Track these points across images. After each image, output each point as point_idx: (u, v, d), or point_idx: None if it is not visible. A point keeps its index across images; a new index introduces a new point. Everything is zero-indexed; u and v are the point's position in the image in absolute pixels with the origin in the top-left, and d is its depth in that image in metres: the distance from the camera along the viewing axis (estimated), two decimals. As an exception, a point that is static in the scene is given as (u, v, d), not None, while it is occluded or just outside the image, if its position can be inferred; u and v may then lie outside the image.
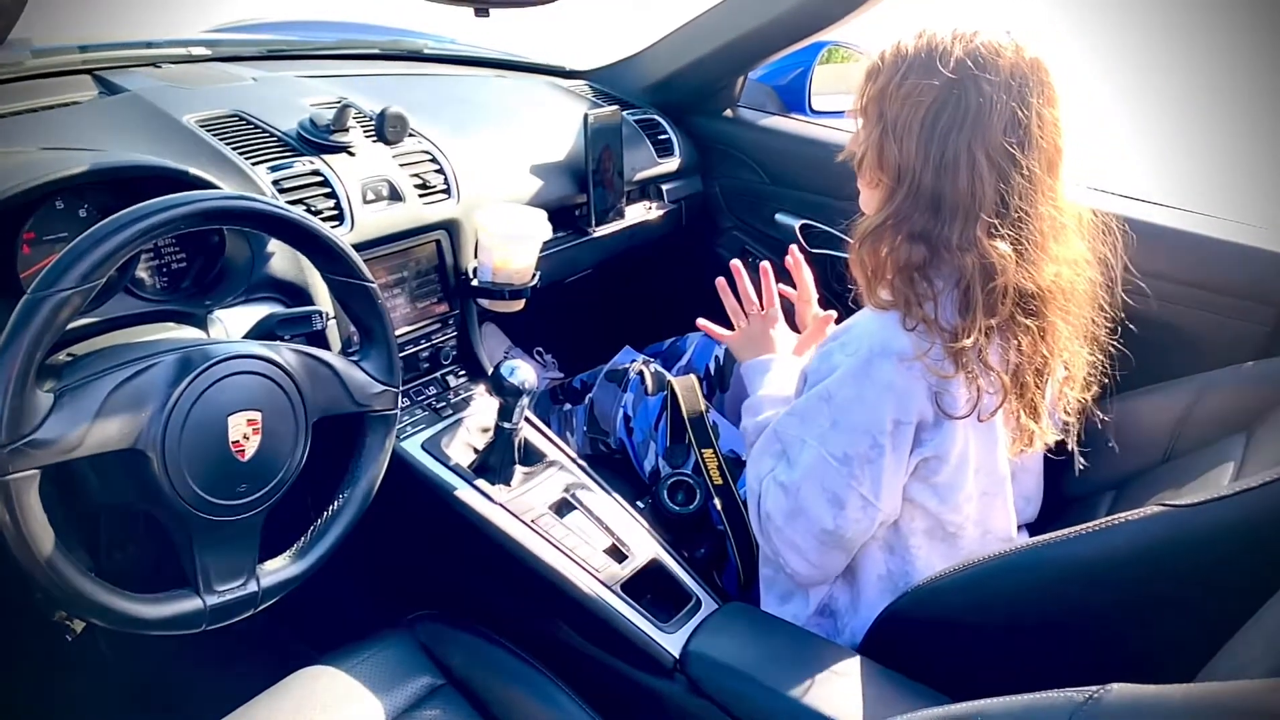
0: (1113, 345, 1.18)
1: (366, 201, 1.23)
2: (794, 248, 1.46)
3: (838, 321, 1.32)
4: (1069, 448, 1.21)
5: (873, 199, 1.13)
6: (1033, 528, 1.28)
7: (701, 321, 1.45)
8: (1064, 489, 1.33)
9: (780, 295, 1.43)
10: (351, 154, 1.25)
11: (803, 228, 1.84)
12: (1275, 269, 1.39)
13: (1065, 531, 1.00)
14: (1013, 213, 1.03)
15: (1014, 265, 1.02)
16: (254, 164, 1.15)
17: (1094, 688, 0.67)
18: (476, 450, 1.26)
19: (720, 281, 1.43)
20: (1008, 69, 1.02)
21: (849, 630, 1.19)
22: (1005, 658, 1.05)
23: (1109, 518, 0.97)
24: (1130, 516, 0.95)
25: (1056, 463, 1.30)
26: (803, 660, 1.05)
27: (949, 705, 0.74)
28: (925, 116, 1.04)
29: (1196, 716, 0.62)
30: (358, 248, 1.11)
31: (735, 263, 1.45)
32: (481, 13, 1.25)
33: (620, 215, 1.67)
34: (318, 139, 1.23)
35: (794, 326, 1.46)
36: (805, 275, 1.44)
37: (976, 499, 1.14)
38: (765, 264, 1.44)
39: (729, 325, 1.46)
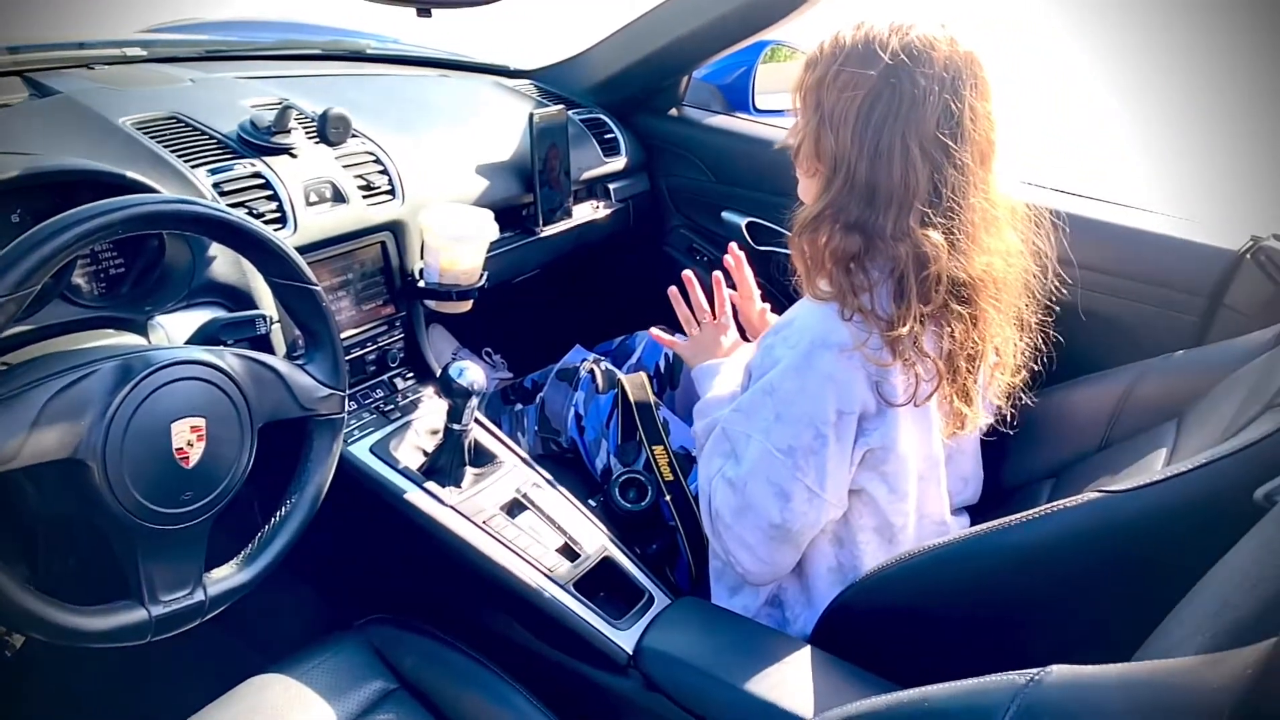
0: (1049, 336, 1.21)
1: (309, 203, 1.21)
2: (733, 246, 1.47)
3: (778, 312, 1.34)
4: (1004, 431, 1.24)
5: (810, 188, 1.15)
6: (975, 516, 1.30)
7: (654, 331, 1.46)
8: (1005, 477, 1.36)
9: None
10: (293, 156, 1.24)
11: (749, 225, 1.86)
12: (1202, 261, 1.44)
13: (1005, 519, 1.02)
14: (945, 203, 1.05)
15: (946, 254, 1.04)
16: (193, 167, 1.13)
17: (1035, 670, 0.69)
18: (426, 452, 1.25)
19: (672, 290, 1.45)
20: (941, 62, 1.04)
21: (800, 621, 1.20)
22: (951, 644, 1.07)
23: (1047, 505, 1.00)
24: (1067, 503, 0.98)
25: (997, 452, 1.33)
26: (754, 653, 1.06)
27: (896, 692, 0.76)
28: (860, 106, 1.05)
29: (1131, 694, 0.64)
30: (301, 250, 1.10)
31: (688, 273, 1.46)
32: (424, 13, 1.24)
33: (567, 215, 1.68)
34: (258, 141, 1.22)
35: (740, 326, 1.48)
36: (746, 274, 1.46)
37: (914, 482, 1.16)
38: (718, 273, 1.46)
39: (679, 322, 1.48)
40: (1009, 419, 1.24)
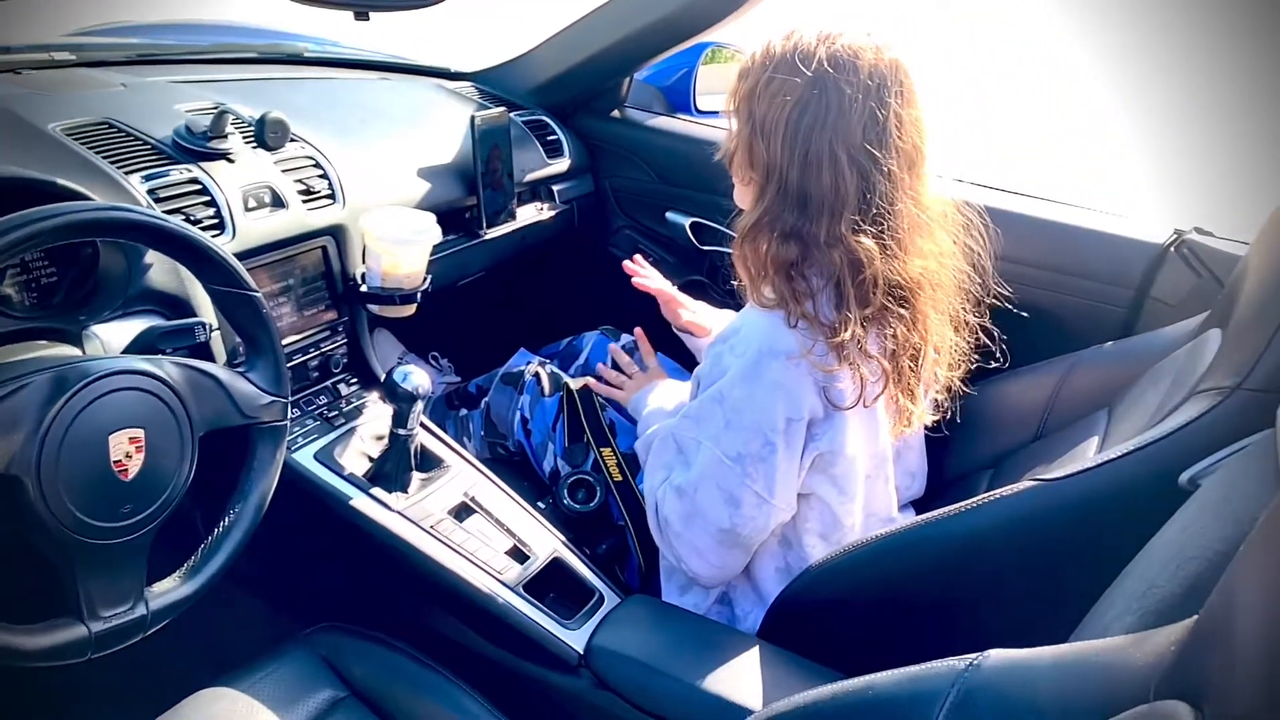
0: (986, 330, 1.24)
1: (248, 209, 1.20)
2: (630, 262, 1.52)
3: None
4: (945, 425, 1.27)
5: (746, 195, 1.17)
6: (920, 509, 1.33)
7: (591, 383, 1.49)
8: (946, 469, 1.39)
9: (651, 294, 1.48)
10: (231, 161, 1.22)
11: (693, 226, 1.88)
12: (1129, 254, 1.48)
13: (945, 509, 1.05)
14: (875, 209, 1.07)
15: (879, 258, 1.06)
16: (127, 173, 1.11)
17: (974, 655, 0.71)
18: (371, 458, 1.24)
19: (601, 369, 1.54)
20: (867, 71, 1.05)
21: (750, 618, 1.22)
22: (896, 633, 1.10)
23: (985, 494, 1.03)
24: (1004, 492, 1.01)
25: (939, 444, 1.36)
26: (704, 648, 1.07)
27: (842, 681, 0.78)
28: (790, 115, 1.07)
29: (1064, 674, 0.67)
30: (240, 256, 1.08)
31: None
32: (361, 16, 1.23)
33: (511, 217, 1.67)
34: (195, 146, 1.20)
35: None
36: (652, 281, 1.50)
37: (861, 482, 1.18)
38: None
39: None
40: (950, 413, 1.27)
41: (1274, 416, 0.84)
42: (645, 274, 1.51)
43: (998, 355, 1.27)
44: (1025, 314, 1.46)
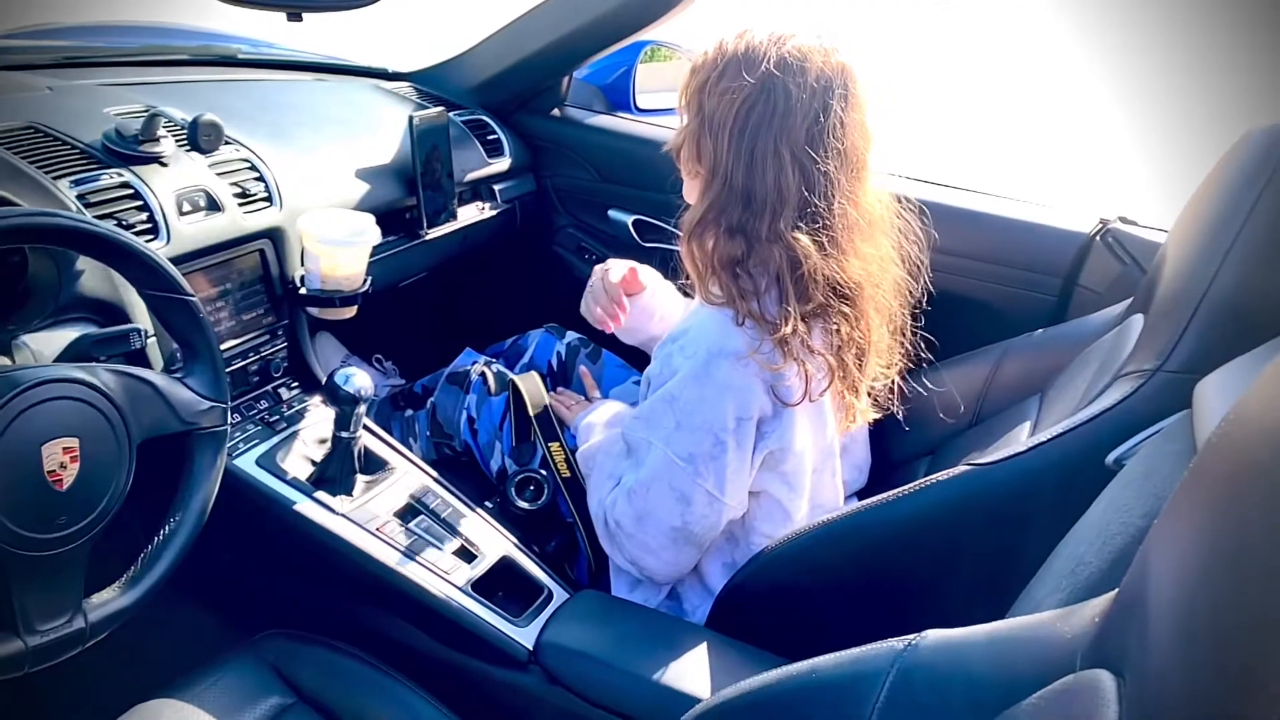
0: (923, 321, 1.27)
1: (182, 213, 1.18)
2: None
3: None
4: (885, 415, 1.30)
5: (693, 190, 1.18)
6: (862, 496, 1.36)
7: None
8: (887, 457, 1.42)
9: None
10: (164, 164, 1.20)
11: (636, 223, 1.89)
12: (1057, 243, 1.53)
13: (884, 495, 1.07)
14: (814, 209, 1.09)
15: (815, 256, 1.08)
16: (55, 178, 1.09)
17: (912, 636, 0.74)
18: (314, 462, 1.23)
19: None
20: (814, 74, 1.08)
21: (699, 612, 1.24)
22: (839, 617, 1.12)
23: (922, 480, 1.06)
24: (940, 477, 1.03)
25: (880, 433, 1.39)
26: (653, 640, 1.08)
27: (787, 666, 0.79)
28: (738, 113, 1.09)
29: (996, 650, 0.69)
30: (176, 261, 1.07)
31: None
32: (294, 17, 1.22)
33: (452, 217, 1.67)
34: (125, 150, 1.18)
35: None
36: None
37: (809, 476, 1.21)
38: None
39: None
40: (890, 403, 1.30)
41: (1191, 397, 0.87)
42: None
43: (936, 346, 1.30)
44: (960, 303, 1.50)
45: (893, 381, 1.26)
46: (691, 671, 1.03)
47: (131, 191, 1.14)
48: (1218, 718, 0.40)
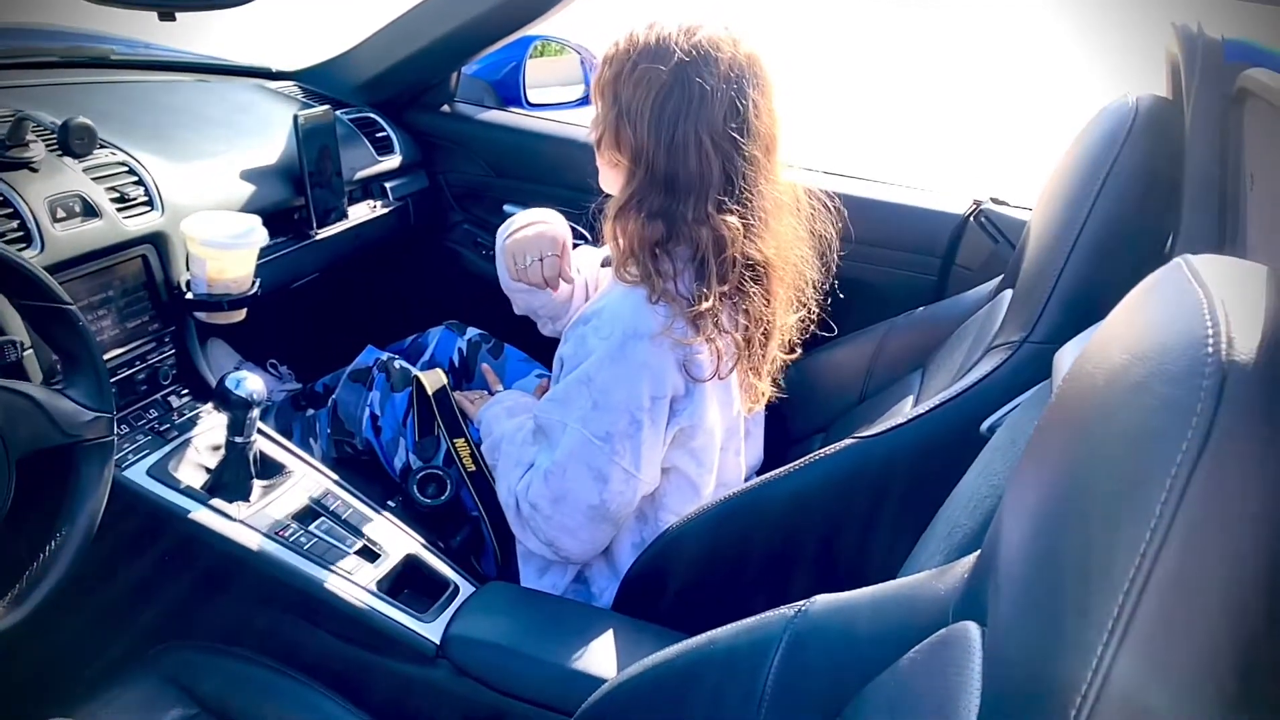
0: (819, 304, 1.31)
1: (57, 220, 1.14)
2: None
3: None
4: (782, 399, 1.35)
5: (615, 179, 1.21)
6: (761, 472, 1.40)
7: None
8: (784, 435, 1.47)
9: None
10: (34, 170, 1.16)
11: (530, 216, 1.89)
12: (935, 224, 1.60)
13: (779, 470, 1.11)
14: (738, 191, 1.13)
15: (742, 237, 1.12)
16: (-86, 187, 1.05)
17: (802, 602, 0.77)
18: (209, 469, 1.21)
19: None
20: (726, 63, 1.11)
21: (606, 594, 1.26)
22: (741, 591, 1.16)
23: (813, 454, 1.10)
24: (827, 451, 1.08)
25: (776, 413, 1.44)
26: (559, 627, 1.10)
27: (687, 640, 0.82)
28: (655, 101, 1.11)
29: (878, 609, 0.73)
30: (52, 269, 1.04)
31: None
32: (166, 16, 1.19)
33: (343, 216, 1.65)
34: (-9, 156, 1.13)
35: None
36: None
37: (717, 454, 1.24)
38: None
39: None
40: (784, 385, 1.34)
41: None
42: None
43: (828, 327, 1.35)
44: (848, 285, 1.55)
45: (787, 361, 1.30)
46: (597, 654, 1.05)
47: (1, 199, 1.10)
48: (1050, 649, 0.44)
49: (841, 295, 1.41)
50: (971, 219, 1.58)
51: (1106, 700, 0.40)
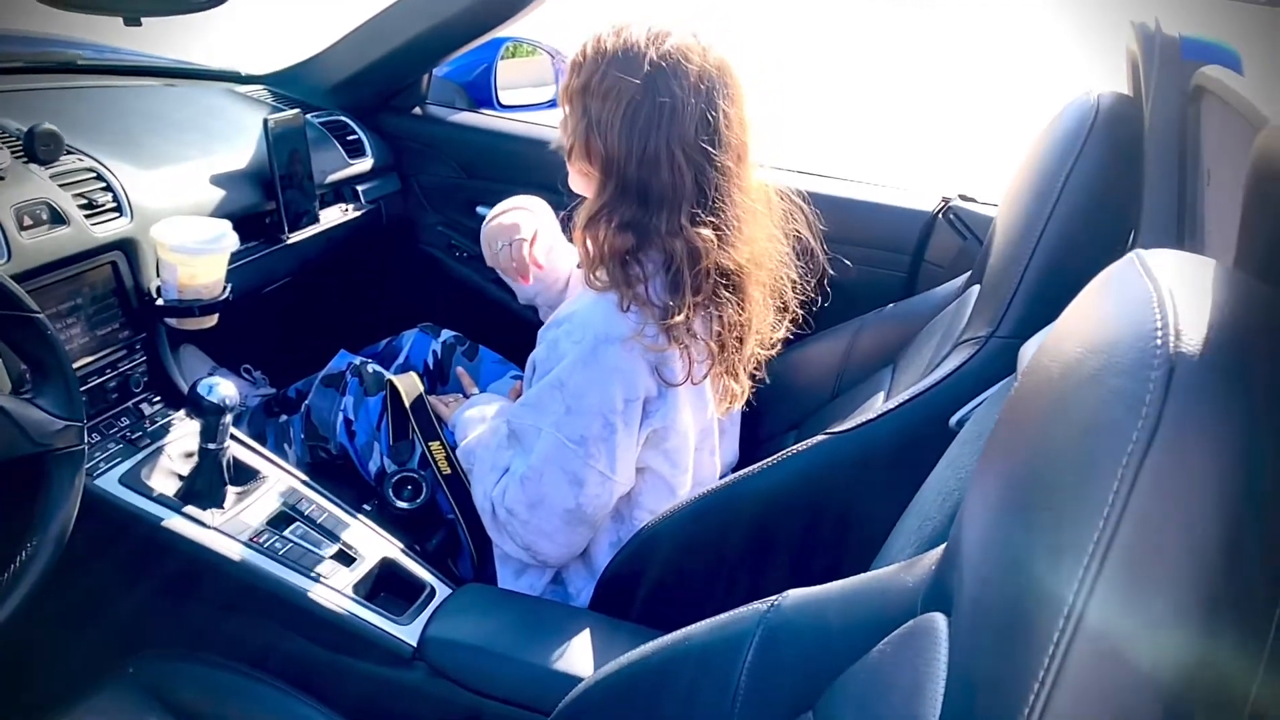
0: (794, 302, 1.32)
1: (24, 228, 1.13)
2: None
3: None
4: (754, 395, 1.36)
5: (585, 186, 1.20)
6: (736, 470, 1.41)
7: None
8: (758, 432, 1.48)
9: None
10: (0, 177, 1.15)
11: (504, 217, 1.89)
12: (905, 222, 1.61)
13: (752, 467, 1.12)
14: (711, 201, 1.13)
15: (716, 247, 1.12)
16: (-123, 196, 1.04)
17: (775, 596, 0.78)
18: (182, 477, 1.20)
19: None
20: (695, 74, 1.10)
21: (583, 595, 1.26)
22: (716, 588, 1.16)
23: (786, 450, 1.11)
24: (799, 447, 1.09)
25: (751, 411, 1.45)
26: (536, 627, 1.11)
27: (662, 637, 0.83)
28: (625, 113, 1.11)
29: (849, 602, 0.74)
30: (20, 278, 1.03)
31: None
32: (132, 21, 1.19)
33: (315, 219, 1.64)
34: (-46, 164, 1.12)
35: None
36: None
37: (691, 454, 1.25)
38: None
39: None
40: (761, 381, 1.35)
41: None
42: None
43: (801, 325, 1.36)
44: (821, 284, 1.57)
45: (762, 360, 1.31)
46: (574, 653, 1.06)
47: (-36, 208, 1.09)
48: (1008, 637, 0.45)
49: (814, 293, 1.42)
50: (940, 216, 1.60)
51: (1062, 687, 0.41)
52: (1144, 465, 0.40)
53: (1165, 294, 0.44)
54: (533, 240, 1.41)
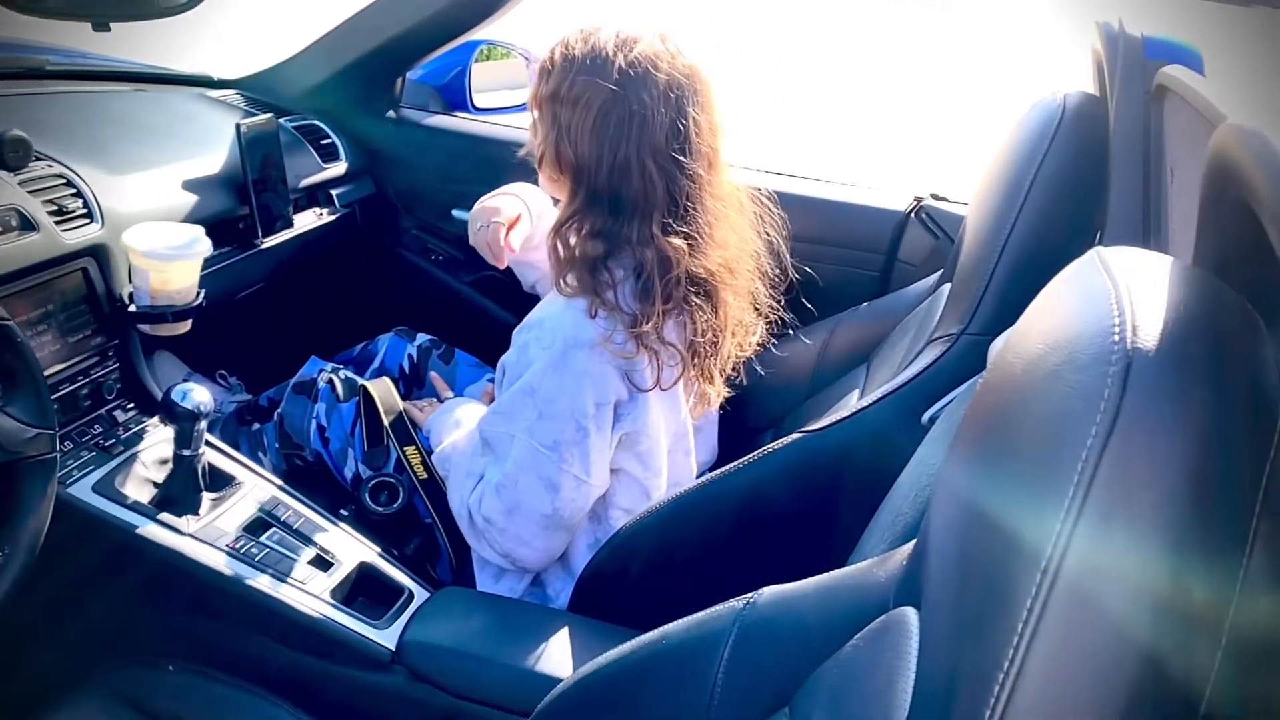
0: (771, 303, 1.33)
1: (-8, 235, 1.13)
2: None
3: None
4: (733, 396, 1.36)
5: (556, 192, 1.20)
6: (713, 470, 1.42)
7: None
8: (736, 431, 1.49)
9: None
10: (-34, 184, 1.14)
11: (479, 221, 1.89)
12: (879, 222, 1.63)
13: (729, 466, 1.13)
14: (683, 209, 1.13)
15: (687, 256, 1.12)
16: None
17: (751, 594, 0.79)
18: (156, 484, 1.19)
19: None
20: (664, 82, 1.10)
21: (562, 596, 1.26)
22: (693, 586, 1.16)
23: (762, 449, 1.12)
24: (775, 446, 1.10)
25: (728, 411, 1.45)
26: (514, 629, 1.11)
27: (640, 636, 0.84)
28: (595, 122, 1.10)
29: (823, 598, 0.75)
30: (-12, 286, 1.02)
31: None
32: (101, 26, 1.18)
33: (289, 224, 1.64)
34: (-79, 171, 1.11)
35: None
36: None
37: (665, 456, 1.25)
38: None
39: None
40: (738, 381, 1.35)
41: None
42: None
43: (777, 325, 1.36)
44: (795, 284, 1.58)
45: (740, 360, 1.32)
46: (552, 655, 1.06)
47: (-69, 215, 1.08)
48: (971, 631, 0.46)
49: (794, 293, 1.43)
50: (913, 215, 1.61)
51: (1026, 679, 0.42)
52: (1103, 458, 0.41)
53: (1123, 291, 0.45)
54: (510, 226, 1.41)
